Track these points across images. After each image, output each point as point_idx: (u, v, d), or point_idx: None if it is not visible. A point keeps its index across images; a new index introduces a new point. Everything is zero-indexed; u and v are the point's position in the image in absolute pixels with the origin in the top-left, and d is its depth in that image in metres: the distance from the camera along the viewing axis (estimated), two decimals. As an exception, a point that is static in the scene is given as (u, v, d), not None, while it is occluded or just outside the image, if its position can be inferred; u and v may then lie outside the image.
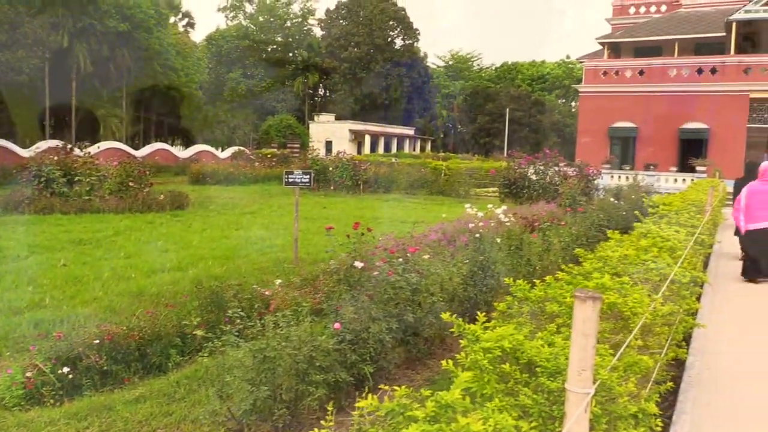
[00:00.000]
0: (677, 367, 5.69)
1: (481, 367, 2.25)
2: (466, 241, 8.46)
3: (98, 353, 5.77)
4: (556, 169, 22.38)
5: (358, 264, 5.22)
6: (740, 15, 31.13)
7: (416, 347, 5.97)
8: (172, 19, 62.32)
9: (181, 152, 44.51)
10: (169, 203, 18.81)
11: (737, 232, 10.32)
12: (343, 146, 49.95)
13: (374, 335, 5.07)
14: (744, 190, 10.00)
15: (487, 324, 2.74)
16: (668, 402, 5.04)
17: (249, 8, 70.05)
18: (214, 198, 22.88)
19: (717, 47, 33.58)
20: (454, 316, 2.70)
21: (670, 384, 4.31)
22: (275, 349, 4.26)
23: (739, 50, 32.06)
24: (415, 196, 26.94)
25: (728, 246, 12.00)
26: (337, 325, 4.84)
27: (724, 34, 32.31)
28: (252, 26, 67.41)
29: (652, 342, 3.53)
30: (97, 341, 5.83)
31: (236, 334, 4.66)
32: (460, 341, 2.50)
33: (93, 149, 33.04)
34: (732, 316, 7.72)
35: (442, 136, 76.13)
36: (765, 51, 32.44)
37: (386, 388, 2.22)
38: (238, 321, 4.97)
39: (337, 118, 60.98)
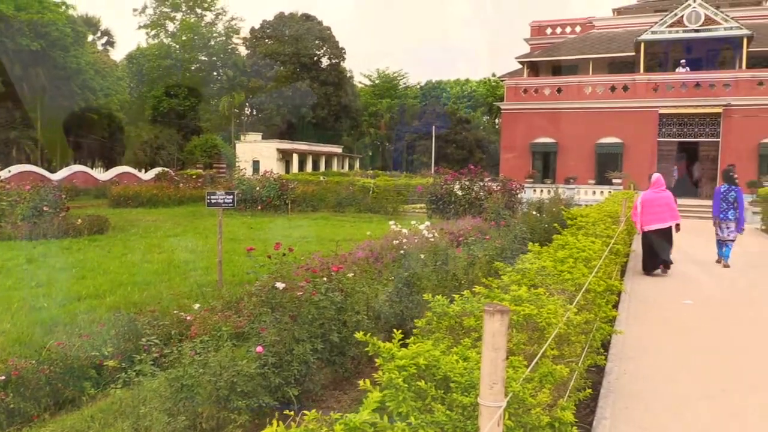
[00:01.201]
0: (598, 373, 5.87)
1: (396, 385, 2.22)
2: (393, 258, 8.50)
3: (4, 390, 5.43)
4: (481, 184, 22.93)
5: (280, 285, 5.12)
6: (647, 36, 32.95)
7: (343, 367, 5.90)
8: (90, 38, 60.21)
9: (102, 174, 42.95)
10: (87, 228, 18.00)
11: None
12: (271, 165, 49.45)
13: (298, 357, 4.98)
14: (639, 198, 11.53)
15: (405, 341, 2.73)
16: (590, 408, 5.17)
17: (171, 27, 68.47)
18: (136, 221, 22.11)
19: (628, 66, 35.43)
20: (369, 335, 2.67)
21: (588, 391, 4.42)
22: (193, 377, 4.11)
23: (648, 69, 33.88)
24: (343, 214, 26.91)
25: (643, 254, 12.58)
26: (259, 348, 4.72)
27: (633, 53, 34.10)
28: (174, 45, 65.80)
29: (568, 351, 3.61)
30: (3, 377, 5.48)
31: (152, 362, 4.47)
32: (376, 360, 2.47)
33: (4, 173, 31.52)
34: (649, 320, 8.05)
35: (370, 153, 76.61)
36: (671, 69, 34.42)
37: (291, 413, 2.16)
38: (155, 349, 4.77)
39: (265, 138, 60.33)
